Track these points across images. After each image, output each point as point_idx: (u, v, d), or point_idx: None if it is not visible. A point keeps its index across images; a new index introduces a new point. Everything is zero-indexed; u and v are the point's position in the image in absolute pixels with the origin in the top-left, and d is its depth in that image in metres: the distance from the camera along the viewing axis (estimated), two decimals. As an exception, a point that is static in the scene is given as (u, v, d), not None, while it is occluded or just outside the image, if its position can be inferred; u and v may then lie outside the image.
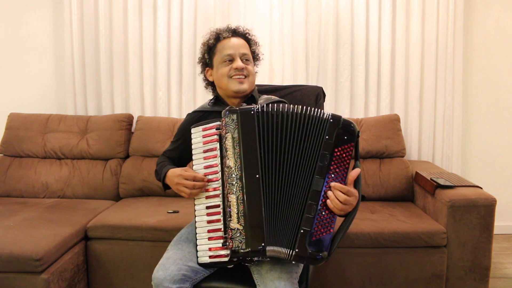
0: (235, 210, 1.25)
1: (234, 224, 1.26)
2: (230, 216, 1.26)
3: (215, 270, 1.43)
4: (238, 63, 1.49)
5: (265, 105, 1.29)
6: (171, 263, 1.36)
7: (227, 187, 1.27)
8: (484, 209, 1.98)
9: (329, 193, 1.23)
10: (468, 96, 2.93)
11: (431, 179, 2.22)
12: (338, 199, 1.22)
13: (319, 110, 1.28)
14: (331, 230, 1.24)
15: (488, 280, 2.04)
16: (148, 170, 2.52)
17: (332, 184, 1.23)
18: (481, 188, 2.12)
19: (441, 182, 2.15)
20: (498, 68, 2.92)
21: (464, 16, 2.81)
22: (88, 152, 2.62)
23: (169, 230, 2.02)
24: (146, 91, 2.85)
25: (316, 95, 1.75)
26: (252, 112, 1.28)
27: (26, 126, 2.67)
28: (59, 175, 2.57)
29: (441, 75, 2.80)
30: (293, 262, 1.29)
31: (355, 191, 1.26)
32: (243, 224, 1.25)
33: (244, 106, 1.33)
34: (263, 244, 1.24)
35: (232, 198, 1.26)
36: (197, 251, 1.33)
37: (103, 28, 2.79)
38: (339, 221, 1.29)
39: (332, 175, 1.23)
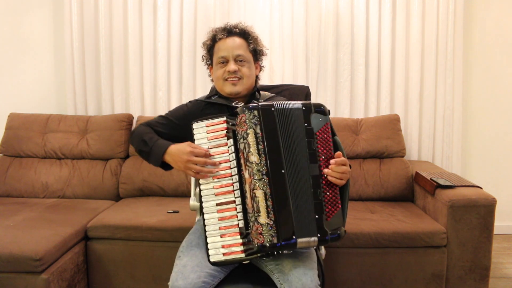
0: (264, 205, 1.27)
1: (263, 219, 1.26)
2: (259, 211, 1.27)
3: (228, 272, 1.41)
4: (231, 66, 1.50)
5: (280, 103, 1.33)
6: (189, 271, 1.32)
7: (253, 183, 1.28)
8: (484, 209, 1.98)
9: (326, 170, 1.30)
10: (468, 96, 2.93)
11: (431, 179, 2.22)
12: (337, 171, 1.29)
13: (292, 102, 1.35)
14: (340, 206, 1.31)
15: (488, 280, 2.04)
16: (148, 170, 2.52)
17: (331, 161, 1.30)
18: (481, 188, 2.12)
19: (441, 182, 2.15)
20: (498, 68, 2.92)
21: (464, 16, 2.80)
22: (88, 152, 2.62)
23: (169, 230, 2.03)
24: (146, 91, 2.85)
25: (305, 94, 1.79)
26: (272, 109, 1.31)
27: (26, 126, 2.66)
28: (59, 175, 2.57)
29: (441, 75, 2.80)
30: (314, 248, 1.39)
31: (345, 160, 1.34)
32: (273, 219, 1.26)
33: (262, 102, 1.36)
34: (294, 236, 1.27)
35: (259, 194, 1.27)
36: (207, 249, 1.31)
37: (103, 28, 2.79)
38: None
39: (322, 157, 1.31)
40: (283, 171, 1.28)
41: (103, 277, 2.10)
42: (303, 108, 1.32)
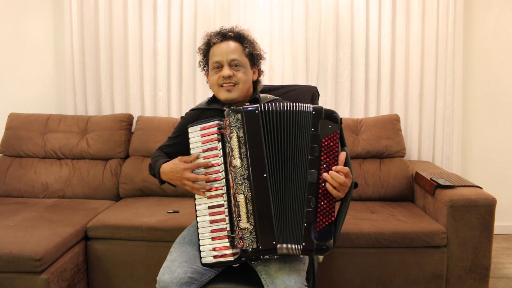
0: (244, 209, 1.26)
1: (243, 223, 1.26)
2: (239, 216, 1.26)
3: (220, 271, 1.43)
4: (225, 71, 1.45)
5: (267, 104, 1.30)
6: (176, 266, 1.35)
7: (234, 187, 1.27)
8: (484, 209, 1.98)
9: (325, 175, 1.25)
10: (468, 96, 2.93)
11: (431, 179, 2.22)
12: (336, 180, 1.24)
13: (302, 105, 1.29)
14: (333, 218, 1.27)
15: (488, 280, 2.04)
16: (148, 170, 2.51)
17: (334, 167, 1.25)
18: (481, 188, 2.12)
19: (441, 182, 2.15)
20: (498, 68, 2.92)
21: (464, 16, 2.80)
22: (88, 152, 2.62)
23: (169, 230, 2.02)
24: (146, 91, 2.85)
25: (311, 95, 1.77)
26: (256, 112, 1.28)
27: (26, 126, 2.66)
28: (59, 175, 2.57)
29: (441, 75, 2.80)
30: (301, 256, 1.31)
31: (348, 170, 1.27)
32: (253, 224, 1.26)
33: (248, 105, 1.32)
34: (273, 242, 1.25)
35: (241, 198, 1.27)
36: (200, 251, 1.32)
37: (103, 28, 2.79)
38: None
39: (324, 165, 1.26)
40: (265, 175, 1.26)
41: (103, 277, 2.10)
42: (313, 112, 1.27)
